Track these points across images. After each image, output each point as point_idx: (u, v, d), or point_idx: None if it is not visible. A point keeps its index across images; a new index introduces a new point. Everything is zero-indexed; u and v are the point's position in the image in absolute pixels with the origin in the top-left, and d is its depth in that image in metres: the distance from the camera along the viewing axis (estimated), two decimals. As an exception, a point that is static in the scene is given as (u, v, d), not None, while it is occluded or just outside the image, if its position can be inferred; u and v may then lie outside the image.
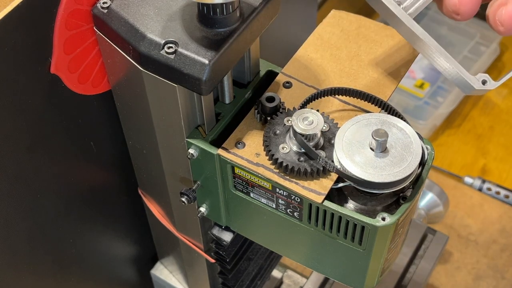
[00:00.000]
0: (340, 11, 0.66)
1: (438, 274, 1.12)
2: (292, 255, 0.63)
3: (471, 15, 0.52)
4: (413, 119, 1.46)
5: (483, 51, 1.59)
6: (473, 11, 0.52)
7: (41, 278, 0.69)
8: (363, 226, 0.53)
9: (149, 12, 0.53)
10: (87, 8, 0.55)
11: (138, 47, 0.52)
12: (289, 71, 0.62)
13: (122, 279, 0.87)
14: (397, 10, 0.52)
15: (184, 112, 0.56)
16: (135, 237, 0.84)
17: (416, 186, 0.54)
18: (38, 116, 0.58)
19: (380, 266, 0.58)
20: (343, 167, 0.51)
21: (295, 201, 0.55)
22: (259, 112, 0.57)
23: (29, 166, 0.59)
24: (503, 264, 1.13)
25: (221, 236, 0.69)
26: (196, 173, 0.61)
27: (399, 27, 0.53)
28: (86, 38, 0.57)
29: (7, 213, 0.59)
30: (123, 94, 0.62)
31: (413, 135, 0.53)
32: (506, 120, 1.54)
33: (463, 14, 0.52)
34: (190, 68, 0.51)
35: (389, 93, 0.60)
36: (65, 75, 0.58)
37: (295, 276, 0.99)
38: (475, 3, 0.51)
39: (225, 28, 0.52)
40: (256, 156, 0.56)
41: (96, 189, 0.72)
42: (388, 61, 0.62)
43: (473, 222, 1.20)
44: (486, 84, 0.53)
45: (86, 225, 0.73)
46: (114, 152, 0.71)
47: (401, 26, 0.53)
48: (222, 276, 0.76)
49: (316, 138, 0.54)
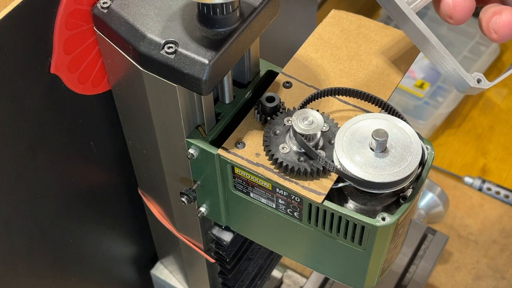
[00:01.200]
0: (340, 11, 0.66)
1: (438, 274, 1.12)
2: (292, 255, 0.63)
3: (464, 20, 0.53)
4: (413, 119, 1.46)
5: (483, 51, 1.59)
6: (466, 17, 0.53)
7: (41, 278, 0.69)
8: (363, 226, 0.53)
9: (149, 12, 0.53)
10: (87, 8, 0.55)
11: (138, 47, 0.52)
12: (289, 71, 0.62)
13: (122, 279, 0.87)
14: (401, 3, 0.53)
15: (184, 112, 0.56)
16: (135, 237, 0.84)
17: (416, 186, 0.54)
18: (38, 116, 0.58)
19: (380, 266, 0.58)
20: (343, 167, 0.51)
21: (295, 201, 0.55)
22: (259, 112, 0.57)
23: (29, 166, 0.59)
24: (503, 264, 1.13)
25: (221, 236, 0.69)
26: (196, 173, 0.61)
27: (400, 20, 0.54)
28: (86, 38, 0.57)
29: (7, 213, 0.59)
30: (123, 94, 0.62)
31: (413, 135, 0.53)
32: (506, 120, 1.54)
33: (456, 19, 0.53)
34: (190, 68, 0.51)
35: (389, 93, 0.60)
36: (65, 75, 0.58)
37: (295, 276, 0.99)
38: (469, 9, 0.53)
39: (225, 28, 0.52)
40: (256, 156, 0.56)
41: (96, 189, 0.72)
42: (388, 61, 0.62)
43: (473, 222, 1.20)
44: (480, 83, 0.54)
45: (86, 225, 0.73)
46: (114, 152, 0.71)
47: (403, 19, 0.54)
48: (222, 276, 0.76)
49: (316, 138, 0.54)
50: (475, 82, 0.54)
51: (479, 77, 0.54)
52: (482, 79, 0.54)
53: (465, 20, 0.53)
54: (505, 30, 0.53)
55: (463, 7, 0.52)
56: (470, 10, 0.53)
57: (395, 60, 0.62)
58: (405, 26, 0.54)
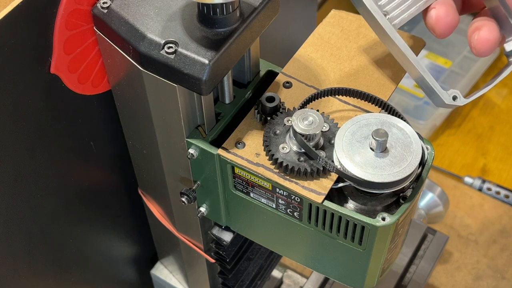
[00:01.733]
0: (340, 11, 0.66)
1: (438, 274, 1.12)
2: (292, 255, 0.63)
3: (447, 35, 0.55)
4: (413, 119, 1.46)
5: (483, 51, 1.59)
6: (448, 32, 0.55)
7: (41, 278, 0.69)
8: (363, 226, 0.53)
9: (149, 12, 0.53)
10: (87, 8, 0.55)
11: (138, 47, 0.52)
12: (289, 71, 0.62)
13: (122, 279, 0.86)
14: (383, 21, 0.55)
15: (184, 112, 0.56)
16: (135, 237, 0.84)
17: (416, 186, 0.54)
18: (38, 116, 0.58)
19: (380, 266, 0.58)
20: (343, 167, 0.51)
21: (295, 201, 0.55)
22: (259, 112, 0.57)
23: (29, 166, 0.59)
24: (503, 264, 1.13)
25: (221, 236, 0.69)
26: (196, 173, 0.61)
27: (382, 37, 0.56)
28: (86, 38, 0.57)
29: (7, 213, 0.59)
30: (123, 94, 0.62)
31: (413, 135, 0.53)
32: (506, 120, 1.54)
33: (438, 33, 0.55)
34: (190, 68, 0.51)
35: (389, 93, 0.60)
36: (65, 75, 0.58)
37: (295, 276, 0.99)
38: (451, 24, 0.54)
39: (225, 28, 0.52)
40: (256, 156, 0.56)
41: (96, 189, 0.72)
42: (388, 61, 0.62)
43: (473, 222, 1.20)
44: (456, 100, 0.56)
45: (86, 225, 0.73)
46: (114, 152, 0.71)
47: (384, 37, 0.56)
48: (222, 276, 0.76)
49: (316, 138, 0.54)
50: (450, 99, 0.56)
51: (455, 94, 0.56)
52: (458, 96, 0.56)
53: (447, 34, 0.55)
54: (482, 47, 0.54)
55: (445, 23, 0.54)
56: (453, 25, 0.54)
57: (395, 60, 0.62)
58: (387, 43, 0.56)
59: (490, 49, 0.54)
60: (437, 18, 0.54)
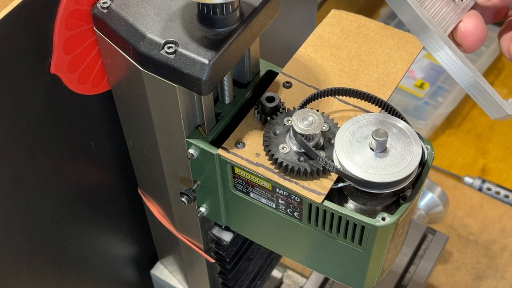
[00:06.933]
0: (340, 11, 0.66)
1: (438, 274, 1.12)
2: (292, 255, 0.63)
3: (474, 50, 0.50)
4: (413, 119, 1.46)
5: (483, 51, 1.58)
6: (476, 46, 0.50)
7: (41, 278, 0.69)
8: (363, 226, 0.53)
9: (149, 12, 0.53)
10: (87, 8, 0.55)
11: (138, 47, 0.52)
12: (289, 71, 0.62)
13: (122, 279, 0.87)
14: (436, 30, 0.48)
15: (184, 112, 0.56)
16: (135, 237, 0.84)
17: (416, 186, 0.54)
18: (38, 116, 0.58)
19: (380, 266, 0.58)
20: (343, 167, 0.51)
21: (295, 201, 0.55)
22: (259, 112, 0.57)
23: (29, 166, 0.59)
24: (503, 264, 1.13)
25: (221, 236, 0.69)
26: (196, 173, 0.61)
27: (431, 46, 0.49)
28: (86, 38, 0.57)
29: (7, 213, 0.59)
30: (123, 94, 0.62)
31: (413, 135, 0.53)
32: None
33: (465, 48, 0.50)
34: (190, 68, 0.51)
35: (389, 93, 0.60)
36: (65, 75, 0.58)
37: (295, 276, 0.99)
38: (479, 39, 0.50)
39: (225, 28, 0.52)
40: (256, 156, 0.56)
41: (96, 189, 0.72)
42: (388, 61, 0.62)
43: (473, 222, 1.20)
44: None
45: (86, 225, 0.73)
46: (114, 152, 0.71)
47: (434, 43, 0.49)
48: (222, 276, 0.76)
49: (316, 138, 0.54)
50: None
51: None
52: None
53: (476, 49, 0.50)
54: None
55: (474, 37, 0.49)
56: (482, 40, 0.50)
57: (395, 60, 0.62)
58: (436, 51, 0.49)
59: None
60: (465, 31, 0.49)
